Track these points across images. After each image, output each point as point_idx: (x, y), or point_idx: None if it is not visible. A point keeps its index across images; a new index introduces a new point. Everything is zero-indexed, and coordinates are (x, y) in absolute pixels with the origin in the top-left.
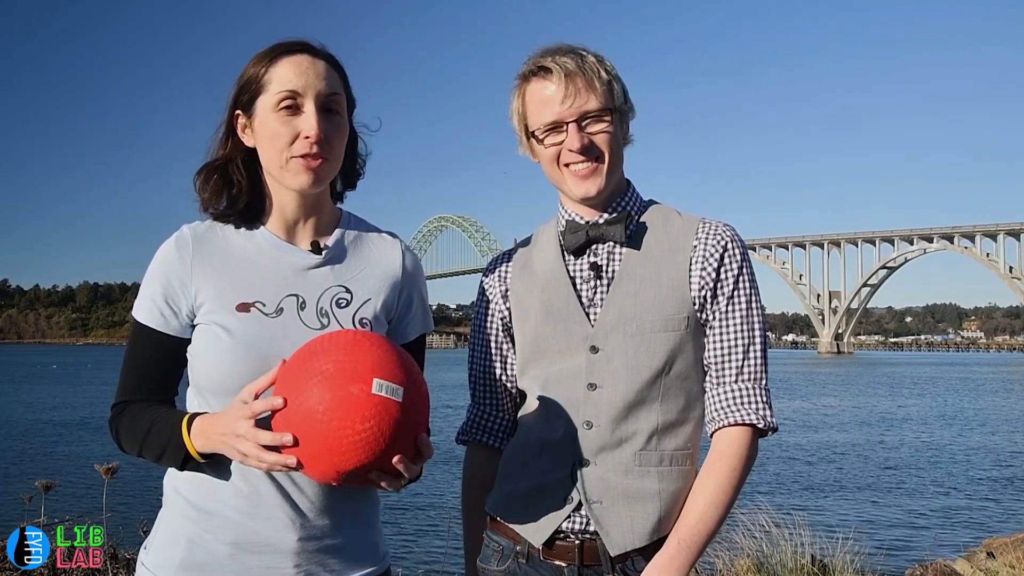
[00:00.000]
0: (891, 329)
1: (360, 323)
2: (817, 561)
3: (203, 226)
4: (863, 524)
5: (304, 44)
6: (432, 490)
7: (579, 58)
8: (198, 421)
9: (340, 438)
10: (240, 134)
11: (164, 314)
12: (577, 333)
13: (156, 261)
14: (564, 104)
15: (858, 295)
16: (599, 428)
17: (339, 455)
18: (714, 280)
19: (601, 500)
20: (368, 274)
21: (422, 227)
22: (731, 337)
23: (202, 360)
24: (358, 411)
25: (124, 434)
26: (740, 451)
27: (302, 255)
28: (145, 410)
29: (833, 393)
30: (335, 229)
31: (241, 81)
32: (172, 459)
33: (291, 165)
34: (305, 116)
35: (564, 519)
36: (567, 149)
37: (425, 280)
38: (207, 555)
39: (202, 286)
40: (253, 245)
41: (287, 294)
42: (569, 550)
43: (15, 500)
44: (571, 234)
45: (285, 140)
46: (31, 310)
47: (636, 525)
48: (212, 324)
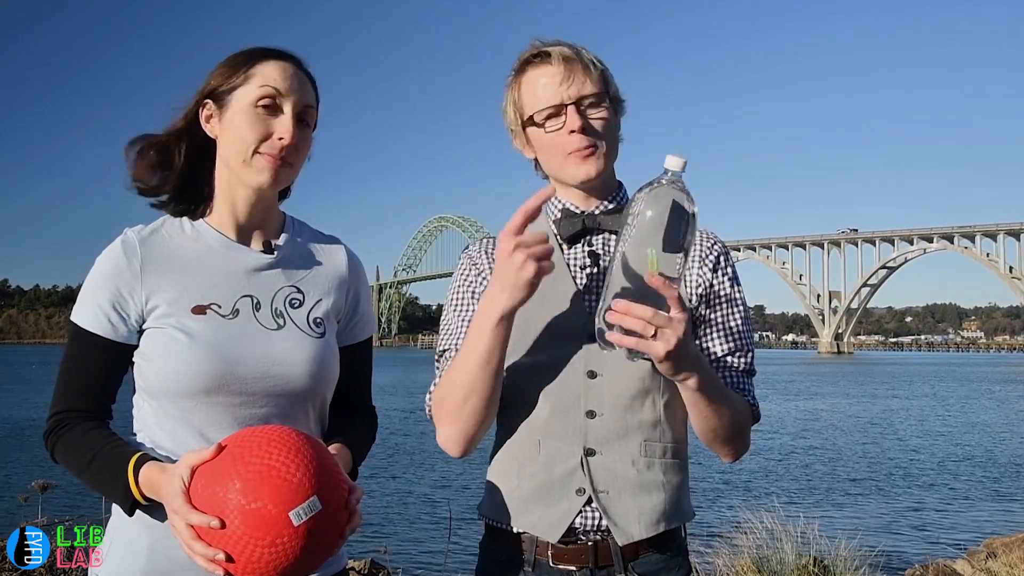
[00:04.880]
0: (891, 329)
1: (314, 322)
2: (818, 561)
3: (147, 229)
4: (863, 524)
5: (289, 53)
6: (432, 490)
7: (574, 47)
8: (146, 471)
9: (278, 560)
10: (204, 123)
11: (112, 320)
12: (575, 320)
13: (101, 266)
14: (563, 87)
15: (858, 295)
16: (603, 417)
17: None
18: (709, 280)
19: (608, 490)
20: (317, 275)
21: (422, 227)
22: (726, 334)
23: (159, 364)
24: (290, 546)
25: (62, 456)
26: (746, 407)
27: (253, 255)
28: (86, 434)
29: (833, 393)
30: (282, 231)
31: (218, 71)
32: (117, 501)
33: (255, 161)
34: (283, 118)
35: (577, 514)
36: (568, 130)
37: (368, 284)
38: (169, 562)
39: (154, 289)
40: (202, 246)
41: (241, 295)
42: (582, 552)
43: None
44: (567, 220)
45: (257, 136)
46: (31, 310)
47: (643, 515)
48: (168, 327)
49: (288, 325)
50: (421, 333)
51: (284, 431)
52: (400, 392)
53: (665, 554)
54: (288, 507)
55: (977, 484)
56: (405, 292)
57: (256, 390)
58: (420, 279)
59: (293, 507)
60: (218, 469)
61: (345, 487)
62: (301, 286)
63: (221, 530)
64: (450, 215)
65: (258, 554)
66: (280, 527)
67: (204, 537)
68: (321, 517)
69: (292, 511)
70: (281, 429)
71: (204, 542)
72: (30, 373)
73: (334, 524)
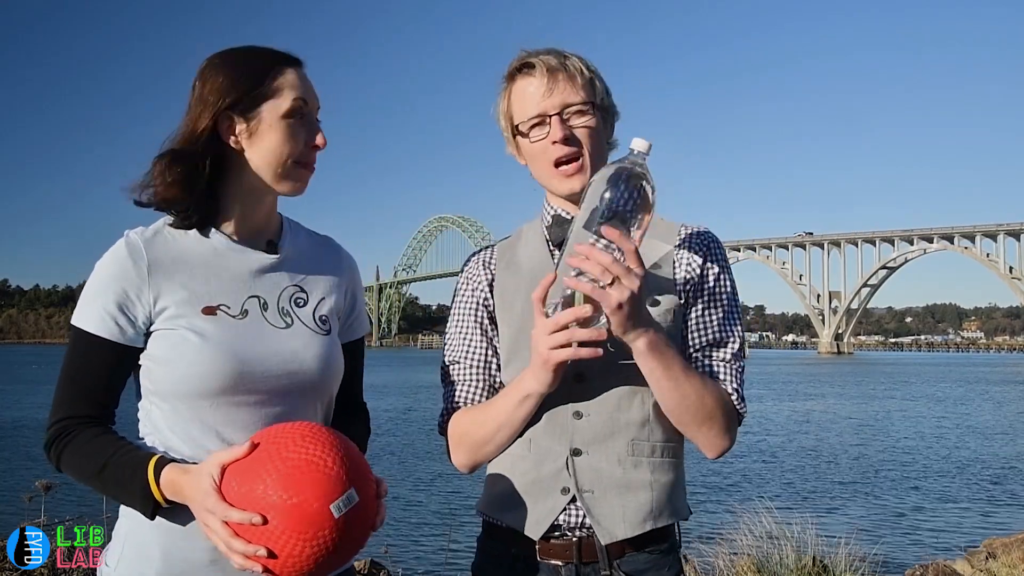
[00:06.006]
0: (891, 329)
1: (320, 320)
2: (817, 561)
3: (149, 231)
4: (863, 524)
5: (298, 57)
6: (432, 490)
7: (561, 56)
8: (168, 473)
9: (319, 556)
10: (228, 135)
11: (119, 323)
12: None
13: (105, 269)
14: (547, 97)
15: (858, 295)
16: (589, 418)
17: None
18: (699, 275)
19: (593, 490)
20: (318, 274)
21: (422, 227)
22: (715, 327)
23: (171, 366)
24: (331, 539)
25: (69, 463)
26: (726, 396)
27: (257, 256)
28: (94, 440)
29: (833, 394)
30: (281, 231)
31: (231, 80)
32: (137, 506)
33: (292, 171)
34: (314, 126)
35: (560, 512)
36: (551, 141)
37: (362, 283)
38: (185, 564)
39: (162, 291)
40: (206, 247)
41: (248, 295)
42: (567, 548)
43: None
44: (557, 227)
45: (296, 148)
46: (31, 310)
47: (628, 514)
48: (179, 328)
49: (296, 323)
50: (421, 333)
51: (315, 427)
52: (400, 392)
53: (653, 553)
54: (329, 500)
55: (977, 484)
56: (405, 292)
57: (270, 388)
58: (420, 279)
59: (333, 500)
60: (253, 466)
61: (374, 479)
62: (304, 285)
63: (262, 526)
64: (450, 215)
65: (299, 548)
66: (322, 520)
67: (243, 535)
68: (358, 509)
69: (332, 504)
70: (311, 425)
71: (243, 539)
72: (30, 373)
73: (368, 516)
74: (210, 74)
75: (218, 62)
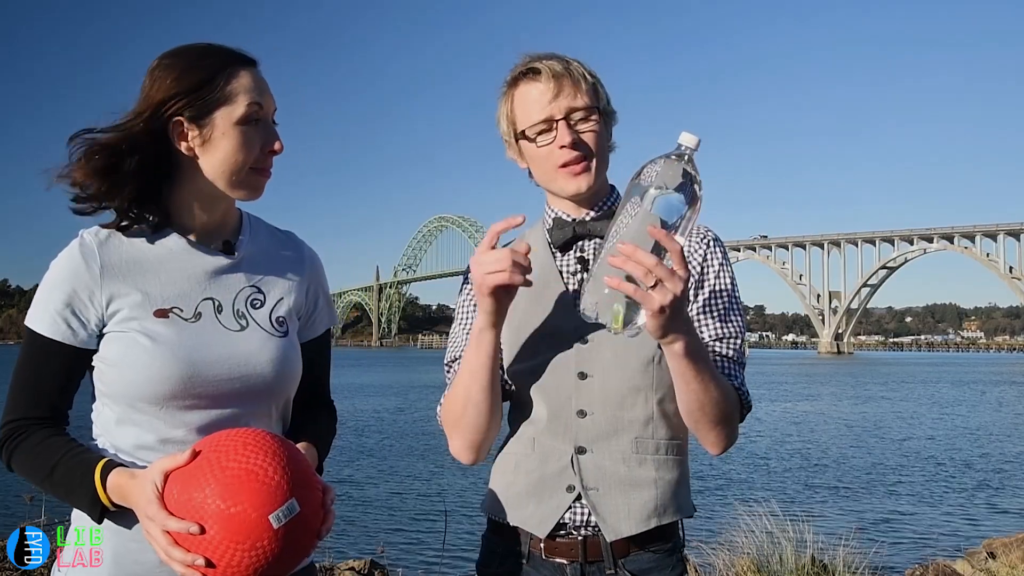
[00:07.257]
0: (891, 329)
1: (276, 322)
2: (817, 561)
3: (104, 232)
4: (863, 524)
5: (251, 56)
6: (432, 490)
7: (564, 61)
8: (115, 477)
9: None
10: (180, 142)
11: (71, 325)
12: (566, 323)
13: (58, 270)
14: (553, 102)
15: (858, 295)
16: (593, 416)
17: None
18: (699, 272)
19: (598, 487)
20: (277, 274)
21: (422, 227)
22: (717, 323)
23: (122, 368)
24: (269, 549)
25: (20, 465)
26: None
27: (213, 257)
28: (45, 441)
29: (833, 393)
30: (239, 230)
31: (176, 81)
32: (85, 509)
33: (247, 178)
34: (271, 129)
35: (566, 510)
36: (559, 145)
37: (326, 275)
38: (136, 567)
39: (115, 294)
40: (162, 249)
41: (203, 298)
42: (572, 546)
43: (15, 500)
44: (558, 230)
45: (253, 155)
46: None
47: (633, 511)
48: (131, 331)
49: (251, 326)
50: (421, 333)
51: (259, 433)
52: (399, 392)
53: (658, 552)
54: (268, 510)
55: (977, 484)
56: (405, 292)
57: (221, 392)
58: (420, 279)
59: (272, 510)
60: (194, 474)
61: (320, 488)
62: (261, 286)
63: (200, 535)
64: (450, 215)
65: (238, 558)
66: (260, 531)
67: (182, 543)
68: (299, 519)
69: (272, 514)
70: (256, 431)
71: (182, 548)
72: None
73: (311, 525)
74: (159, 73)
75: (168, 62)
